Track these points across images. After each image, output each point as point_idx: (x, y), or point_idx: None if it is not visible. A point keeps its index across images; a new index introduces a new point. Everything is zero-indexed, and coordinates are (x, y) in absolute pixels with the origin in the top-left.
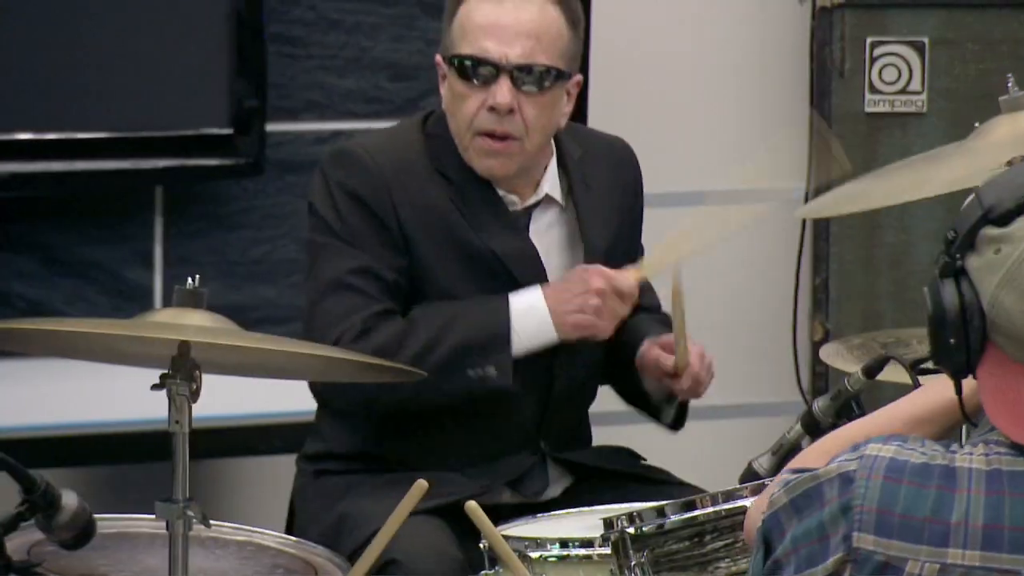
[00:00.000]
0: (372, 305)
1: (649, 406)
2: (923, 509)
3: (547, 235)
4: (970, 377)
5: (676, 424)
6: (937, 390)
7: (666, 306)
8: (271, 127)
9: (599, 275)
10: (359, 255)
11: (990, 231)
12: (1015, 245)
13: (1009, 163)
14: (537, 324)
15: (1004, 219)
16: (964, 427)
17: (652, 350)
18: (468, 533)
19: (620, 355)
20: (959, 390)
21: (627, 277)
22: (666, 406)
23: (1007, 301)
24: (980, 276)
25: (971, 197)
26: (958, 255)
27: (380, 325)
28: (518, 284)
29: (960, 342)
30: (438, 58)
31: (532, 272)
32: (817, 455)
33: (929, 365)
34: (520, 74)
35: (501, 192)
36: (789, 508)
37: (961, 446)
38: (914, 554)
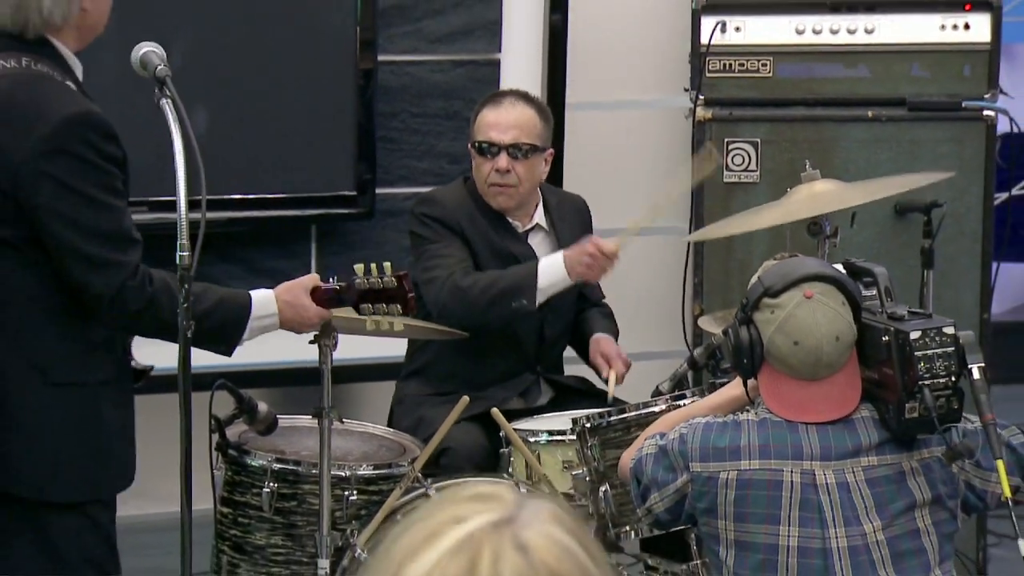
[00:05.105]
0: (462, 263)
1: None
2: (725, 441)
3: (539, 246)
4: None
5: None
6: (727, 391)
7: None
8: (379, 191)
9: (594, 242)
10: (444, 247)
11: (767, 300)
12: (783, 310)
13: (776, 257)
14: (556, 271)
15: (776, 294)
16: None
17: (596, 357)
18: (493, 429)
19: (577, 337)
20: (746, 385)
21: (610, 243)
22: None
23: (777, 340)
24: (762, 326)
25: (755, 278)
26: (749, 312)
27: (470, 273)
28: None
29: (748, 362)
30: (469, 146)
31: None
32: (665, 423)
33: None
34: (512, 149)
35: (510, 220)
36: (649, 457)
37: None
38: (723, 467)
